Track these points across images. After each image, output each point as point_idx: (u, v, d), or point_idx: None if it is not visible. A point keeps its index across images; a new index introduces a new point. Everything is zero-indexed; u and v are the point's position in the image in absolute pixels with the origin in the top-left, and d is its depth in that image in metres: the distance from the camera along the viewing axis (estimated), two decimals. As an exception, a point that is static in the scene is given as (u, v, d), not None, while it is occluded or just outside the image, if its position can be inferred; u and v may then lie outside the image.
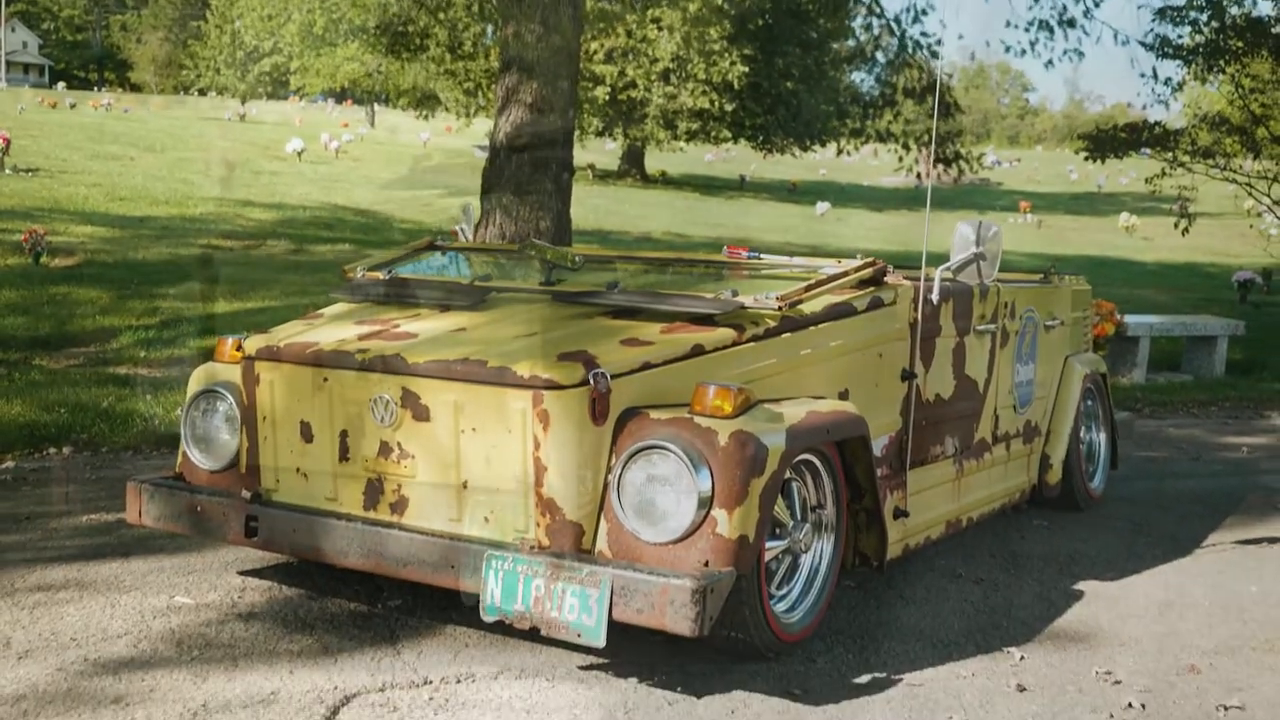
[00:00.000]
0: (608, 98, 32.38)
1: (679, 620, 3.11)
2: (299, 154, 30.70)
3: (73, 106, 44.27)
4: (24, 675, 3.34)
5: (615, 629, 3.19)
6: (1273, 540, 5.55)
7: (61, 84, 72.08)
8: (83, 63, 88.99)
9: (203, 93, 63.33)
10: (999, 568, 4.90)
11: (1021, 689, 3.61)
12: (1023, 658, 3.87)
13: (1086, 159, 14.65)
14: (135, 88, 79.72)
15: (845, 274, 4.14)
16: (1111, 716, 3.46)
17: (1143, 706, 3.53)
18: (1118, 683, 3.70)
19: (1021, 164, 66.70)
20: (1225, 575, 4.98)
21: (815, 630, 3.83)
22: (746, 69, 31.74)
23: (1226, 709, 3.55)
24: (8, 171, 19.70)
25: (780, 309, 3.82)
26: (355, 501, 3.67)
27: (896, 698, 3.49)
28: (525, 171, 10.01)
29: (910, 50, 19.82)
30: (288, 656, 3.55)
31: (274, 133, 38.06)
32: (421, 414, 3.52)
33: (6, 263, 11.43)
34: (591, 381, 3.35)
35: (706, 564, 3.24)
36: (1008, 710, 3.45)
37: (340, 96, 59.63)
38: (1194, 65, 14.69)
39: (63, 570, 4.23)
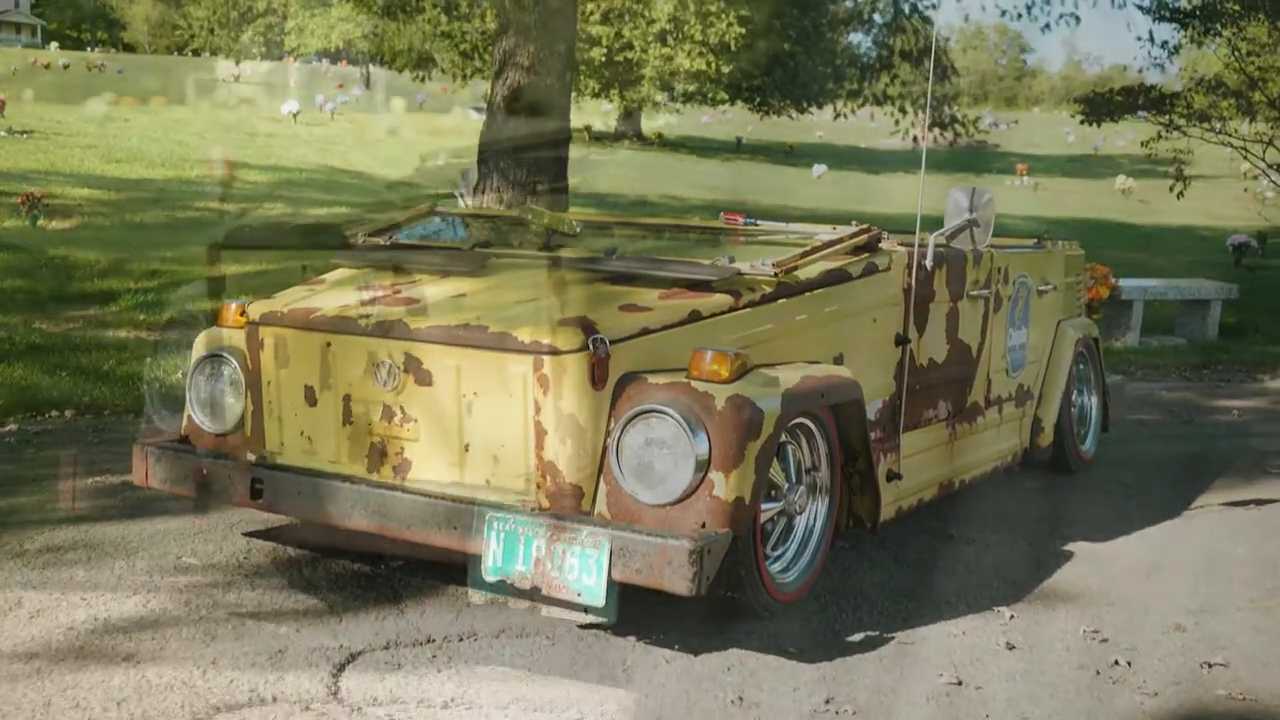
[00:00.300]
0: (604, 59, 32.20)
1: (677, 580, 3.18)
2: (294, 116, 30.54)
3: (66, 67, 43.93)
4: (36, 634, 3.41)
5: (613, 590, 3.26)
6: (1261, 503, 5.62)
7: (54, 44, 71.52)
8: (75, 22, 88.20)
9: (196, 53, 62.84)
10: (990, 529, 4.98)
11: (1011, 647, 3.69)
12: (1012, 617, 3.95)
13: (1083, 123, 14.63)
14: (128, 48, 79.11)
15: (840, 240, 4.19)
16: (1098, 674, 3.54)
17: (1129, 664, 3.61)
18: (1105, 641, 3.79)
19: (1019, 126, 66.34)
20: (1213, 537, 5.06)
21: (809, 590, 3.91)
22: (743, 30, 31.54)
23: (1210, 666, 3.64)
24: (2, 133, 19.64)
25: (776, 275, 3.87)
26: (359, 464, 3.73)
27: (889, 655, 3.57)
28: (522, 134, 10.02)
29: (906, 13, 19.77)
30: (294, 616, 3.62)
31: (269, 94, 37.84)
32: (424, 378, 3.58)
33: (4, 225, 11.45)
34: (591, 347, 3.40)
35: (703, 525, 3.30)
36: (997, 668, 3.54)
37: (335, 58, 59.20)
38: (1190, 28, 14.66)
39: (70, 532, 4.30)
